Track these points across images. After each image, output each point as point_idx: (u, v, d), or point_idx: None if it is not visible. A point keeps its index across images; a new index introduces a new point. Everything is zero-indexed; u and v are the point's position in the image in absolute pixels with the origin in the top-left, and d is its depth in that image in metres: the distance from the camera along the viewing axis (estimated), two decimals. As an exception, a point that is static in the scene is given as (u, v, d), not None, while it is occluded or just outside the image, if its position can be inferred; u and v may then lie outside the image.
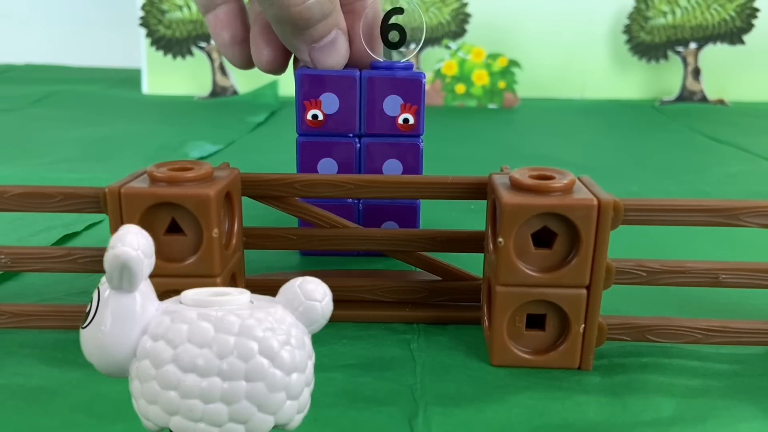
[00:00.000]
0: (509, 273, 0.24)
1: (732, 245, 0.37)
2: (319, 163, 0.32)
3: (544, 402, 0.23)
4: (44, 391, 0.23)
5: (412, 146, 0.32)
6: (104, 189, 0.24)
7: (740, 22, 0.89)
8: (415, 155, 0.32)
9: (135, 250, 0.15)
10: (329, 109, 0.31)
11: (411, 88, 0.31)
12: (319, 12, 0.28)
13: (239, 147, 0.63)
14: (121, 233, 0.15)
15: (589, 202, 0.23)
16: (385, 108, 0.31)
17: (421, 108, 0.31)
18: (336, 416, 0.22)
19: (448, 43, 0.90)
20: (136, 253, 0.15)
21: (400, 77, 0.31)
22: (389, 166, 0.32)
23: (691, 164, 0.58)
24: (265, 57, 0.32)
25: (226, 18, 0.32)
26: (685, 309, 0.29)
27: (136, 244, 0.15)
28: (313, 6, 0.28)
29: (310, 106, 0.31)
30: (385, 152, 0.32)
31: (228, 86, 0.91)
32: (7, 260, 0.26)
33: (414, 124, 0.32)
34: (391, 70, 0.31)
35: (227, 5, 0.32)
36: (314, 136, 0.32)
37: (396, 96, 0.31)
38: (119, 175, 0.26)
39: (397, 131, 0.32)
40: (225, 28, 0.32)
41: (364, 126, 0.32)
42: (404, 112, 0.31)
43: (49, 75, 1.09)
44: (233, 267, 0.26)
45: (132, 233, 0.15)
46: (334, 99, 0.31)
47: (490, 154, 0.60)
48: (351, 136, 0.32)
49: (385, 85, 0.31)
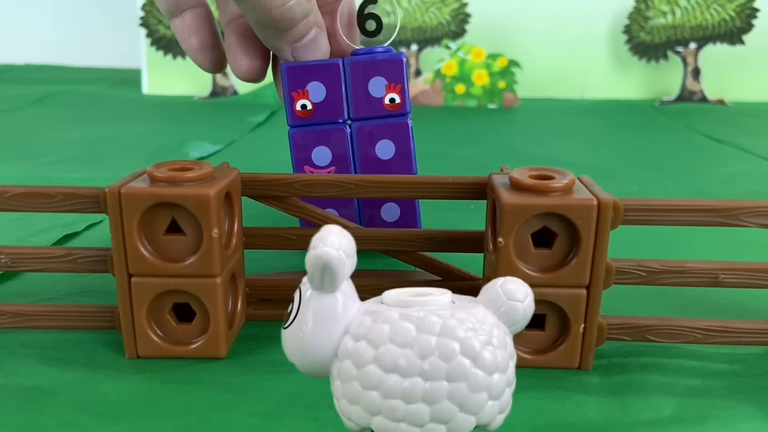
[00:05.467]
0: (509, 273, 0.24)
1: (732, 245, 0.37)
2: (313, 152, 0.33)
3: (544, 402, 0.23)
4: (44, 391, 0.23)
5: (401, 125, 0.33)
6: (104, 189, 0.24)
7: (740, 22, 0.89)
8: (404, 134, 0.33)
9: (336, 251, 0.15)
10: (317, 97, 0.32)
11: (393, 68, 0.32)
12: (300, 12, 0.29)
13: (239, 147, 0.63)
14: (323, 233, 0.15)
15: (589, 202, 0.23)
16: (371, 90, 0.32)
17: (405, 87, 0.32)
18: (336, 416, 0.21)
19: (448, 43, 0.90)
20: (338, 254, 0.15)
21: (381, 59, 0.32)
22: (382, 147, 0.33)
23: (691, 164, 0.58)
24: (244, 66, 0.32)
25: (194, 23, 0.32)
26: (685, 309, 0.29)
27: (338, 244, 0.15)
28: (294, 7, 0.29)
29: (298, 97, 0.32)
30: (376, 134, 0.33)
31: (228, 86, 0.91)
32: (7, 260, 0.26)
33: (400, 103, 0.32)
34: (372, 54, 0.32)
35: (194, 10, 0.32)
36: (305, 126, 0.32)
37: (380, 77, 0.32)
38: (119, 175, 0.26)
39: (385, 112, 0.32)
40: (193, 33, 0.32)
41: (352, 110, 0.32)
42: (389, 92, 0.32)
43: (49, 75, 1.09)
44: (233, 267, 0.26)
45: (333, 233, 0.15)
46: (321, 87, 0.32)
47: (490, 154, 0.60)
48: (341, 122, 0.33)
49: (367, 68, 0.32)
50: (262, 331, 0.27)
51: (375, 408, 0.15)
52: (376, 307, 0.16)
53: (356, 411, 0.15)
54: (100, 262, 0.25)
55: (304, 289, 0.16)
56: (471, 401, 0.15)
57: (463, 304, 0.16)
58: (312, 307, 0.16)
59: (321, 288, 0.16)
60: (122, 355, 0.25)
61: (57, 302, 0.29)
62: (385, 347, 0.15)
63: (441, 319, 0.15)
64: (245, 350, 0.26)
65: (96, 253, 0.26)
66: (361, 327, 0.16)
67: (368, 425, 0.16)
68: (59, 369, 0.24)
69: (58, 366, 0.24)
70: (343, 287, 0.16)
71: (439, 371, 0.15)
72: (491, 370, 0.15)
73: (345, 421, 0.16)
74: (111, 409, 0.22)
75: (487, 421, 0.16)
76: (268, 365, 0.25)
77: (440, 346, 0.15)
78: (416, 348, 0.15)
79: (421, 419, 0.15)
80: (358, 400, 0.15)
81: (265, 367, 0.25)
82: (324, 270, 0.15)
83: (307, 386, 0.23)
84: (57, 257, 0.26)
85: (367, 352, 0.15)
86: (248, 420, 0.21)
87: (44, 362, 0.25)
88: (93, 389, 0.23)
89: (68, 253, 0.26)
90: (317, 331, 0.16)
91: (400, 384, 0.15)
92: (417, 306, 0.16)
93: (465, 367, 0.15)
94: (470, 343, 0.15)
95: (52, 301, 0.29)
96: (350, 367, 0.15)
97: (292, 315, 0.16)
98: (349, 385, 0.15)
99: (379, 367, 0.15)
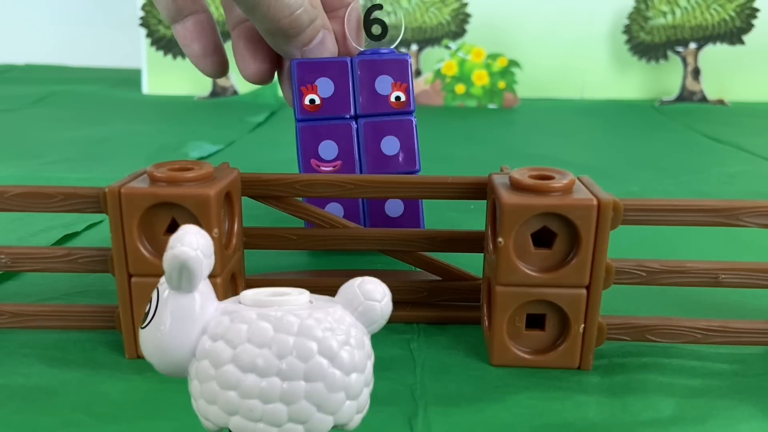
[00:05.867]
0: (509, 273, 0.24)
1: (732, 245, 0.37)
2: (320, 145, 0.33)
3: (544, 402, 0.23)
4: (44, 391, 0.23)
5: (405, 122, 0.33)
6: (104, 189, 0.24)
7: (740, 22, 0.89)
8: (408, 131, 0.33)
9: (194, 250, 0.15)
10: (325, 92, 0.33)
11: (398, 67, 0.33)
12: (307, 18, 0.30)
13: (239, 147, 0.63)
14: (180, 233, 0.15)
15: (588, 202, 0.23)
16: (377, 88, 0.33)
17: (410, 86, 0.33)
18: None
19: (448, 43, 0.90)
20: (196, 253, 0.15)
21: (387, 59, 0.33)
22: (387, 143, 0.33)
23: (691, 164, 0.58)
24: (252, 70, 0.33)
25: (196, 29, 0.32)
26: (685, 309, 0.29)
27: (196, 244, 0.15)
28: (301, 15, 0.29)
29: (306, 92, 0.32)
30: (381, 130, 0.33)
31: (228, 86, 0.91)
32: (7, 260, 0.26)
33: (405, 101, 0.33)
34: (378, 54, 0.33)
35: (196, 16, 0.32)
36: (313, 121, 0.33)
37: (386, 76, 0.33)
38: (119, 175, 0.26)
39: (390, 109, 0.33)
40: (195, 39, 0.32)
41: (359, 107, 0.33)
42: (395, 90, 0.33)
43: (49, 75, 1.09)
44: (233, 267, 0.26)
45: (191, 233, 0.15)
46: (329, 83, 0.32)
47: (490, 154, 0.60)
48: (348, 117, 0.33)
49: (374, 67, 0.33)
50: (262, 331, 0.27)
51: (233, 408, 0.15)
52: (234, 307, 0.16)
53: (214, 411, 0.15)
54: (100, 262, 0.25)
55: (161, 289, 0.16)
56: (329, 401, 0.15)
57: (321, 304, 0.16)
58: (170, 307, 0.15)
59: (179, 288, 0.15)
60: (122, 355, 0.25)
61: (57, 302, 0.29)
62: (242, 347, 0.15)
63: (299, 319, 0.15)
64: (245, 350, 0.26)
65: (96, 253, 0.26)
66: (218, 327, 0.15)
67: (226, 425, 0.15)
68: (59, 369, 0.24)
69: (58, 366, 0.24)
70: (201, 287, 0.16)
71: (297, 371, 0.15)
72: (349, 370, 0.15)
73: (203, 421, 0.16)
74: (111, 409, 0.22)
75: (344, 421, 0.16)
76: (268, 365, 0.25)
77: (298, 346, 0.15)
78: (274, 348, 0.15)
79: (278, 419, 0.15)
80: (215, 400, 0.15)
81: (265, 367, 0.25)
82: (182, 270, 0.15)
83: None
84: (57, 257, 0.26)
85: (224, 352, 0.15)
86: (248, 420, 0.21)
87: (44, 362, 0.25)
88: (93, 389, 0.23)
89: (68, 253, 0.26)
90: (175, 331, 0.15)
91: (258, 384, 0.15)
92: (275, 306, 0.16)
93: (323, 366, 0.15)
94: (328, 343, 0.15)
95: (52, 301, 0.29)
96: (208, 367, 0.15)
97: (149, 315, 0.16)
98: (206, 385, 0.15)
99: (236, 367, 0.15)
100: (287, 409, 0.15)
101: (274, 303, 0.16)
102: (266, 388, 0.15)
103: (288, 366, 0.15)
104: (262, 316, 0.15)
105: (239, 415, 0.15)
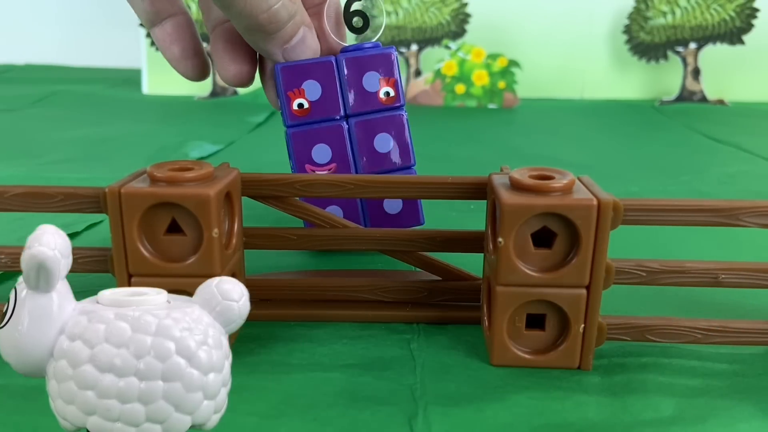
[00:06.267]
0: (509, 273, 0.24)
1: (732, 245, 0.37)
2: (313, 150, 0.33)
3: (544, 402, 0.23)
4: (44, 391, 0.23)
5: (396, 117, 0.33)
6: (104, 189, 0.24)
7: (740, 22, 0.89)
8: (400, 126, 0.33)
9: (52, 250, 0.15)
10: (312, 95, 0.32)
11: (384, 62, 0.32)
12: (286, 14, 0.29)
13: (239, 147, 0.63)
14: (38, 233, 0.15)
15: (588, 202, 0.23)
16: (365, 85, 0.32)
17: (398, 80, 0.33)
18: (336, 416, 0.22)
19: (448, 43, 0.90)
20: (53, 253, 0.15)
21: (372, 54, 0.32)
22: (380, 141, 0.33)
23: (691, 164, 0.58)
24: (232, 71, 0.32)
25: (175, 32, 0.32)
26: (685, 309, 0.29)
27: (53, 243, 0.15)
28: (279, 10, 0.29)
29: (294, 96, 0.32)
30: (373, 128, 0.33)
31: (228, 86, 0.91)
32: (7, 260, 0.26)
33: (395, 96, 0.33)
34: (362, 50, 0.33)
35: (175, 18, 0.32)
36: (303, 126, 0.33)
37: (373, 72, 0.32)
38: (119, 175, 0.26)
39: (380, 105, 0.33)
40: (174, 42, 0.32)
41: (348, 106, 0.33)
42: (384, 86, 0.33)
43: (49, 75, 1.09)
44: (233, 267, 0.26)
45: (49, 233, 0.15)
46: (316, 86, 0.32)
47: (490, 154, 0.60)
48: (338, 118, 0.33)
49: (360, 64, 0.32)
50: (262, 331, 0.27)
51: (90, 408, 0.15)
52: (92, 306, 0.16)
53: (72, 411, 0.15)
54: (100, 262, 0.25)
55: (19, 289, 0.16)
56: (186, 401, 0.15)
57: (179, 304, 0.16)
58: (27, 307, 0.15)
59: (36, 287, 0.15)
60: (122, 355, 0.25)
61: (57, 302, 0.29)
62: (100, 347, 0.15)
63: (157, 318, 0.15)
64: (245, 350, 0.26)
65: (96, 253, 0.26)
66: (76, 327, 0.16)
67: (84, 425, 0.15)
68: (59, 369, 0.24)
69: (58, 366, 0.24)
70: (58, 287, 0.16)
71: (155, 371, 0.15)
72: (207, 369, 0.16)
73: (60, 421, 0.16)
74: (111, 409, 0.22)
75: (202, 421, 0.16)
76: (268, 365, 0.25)
77: (156, 346, 0.15)
78: (132, 348, 0.15)
79: (136, 419, 0.15)
80: (73, 399, 0.15)
81: (265, 367, 0.25)
82: (39, 269, 0.15)
83: (307, 386, 0.23)
84: (57, 257, 0.26)
85: (82, 352, 0.15)
86: (248, 420, 0.21)
87: (44, 362, 0.25)
88: (93, 389, 0.23)
89: (68, 253, 0.26)
90: (33, 331, 0.15)
91: (116, 384, 0.15)
92: (133, 306, 0.16)
93: (180, 366, 0.15)
94: (186, 342, 0.15)
95: (52, 301, 0.29)
96: (66, 366, 0.15)
97: (7, 315, 0.16)
98: (64, 384, 0.15)
99: (94, 367, 0.15)
100: (145, 409, 0.15)
101: (132, 303, 0.16)
102: (124, 388, 0.15)
103: (146, 366, 0.15)
104: (119, 316, 0.15)
105: (97, 415, 0.15)
